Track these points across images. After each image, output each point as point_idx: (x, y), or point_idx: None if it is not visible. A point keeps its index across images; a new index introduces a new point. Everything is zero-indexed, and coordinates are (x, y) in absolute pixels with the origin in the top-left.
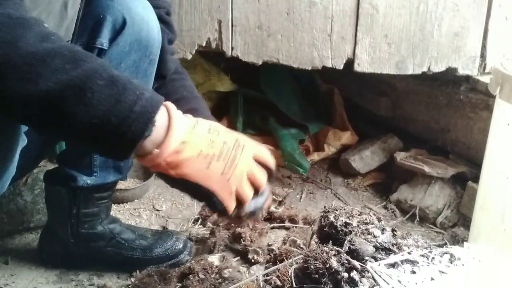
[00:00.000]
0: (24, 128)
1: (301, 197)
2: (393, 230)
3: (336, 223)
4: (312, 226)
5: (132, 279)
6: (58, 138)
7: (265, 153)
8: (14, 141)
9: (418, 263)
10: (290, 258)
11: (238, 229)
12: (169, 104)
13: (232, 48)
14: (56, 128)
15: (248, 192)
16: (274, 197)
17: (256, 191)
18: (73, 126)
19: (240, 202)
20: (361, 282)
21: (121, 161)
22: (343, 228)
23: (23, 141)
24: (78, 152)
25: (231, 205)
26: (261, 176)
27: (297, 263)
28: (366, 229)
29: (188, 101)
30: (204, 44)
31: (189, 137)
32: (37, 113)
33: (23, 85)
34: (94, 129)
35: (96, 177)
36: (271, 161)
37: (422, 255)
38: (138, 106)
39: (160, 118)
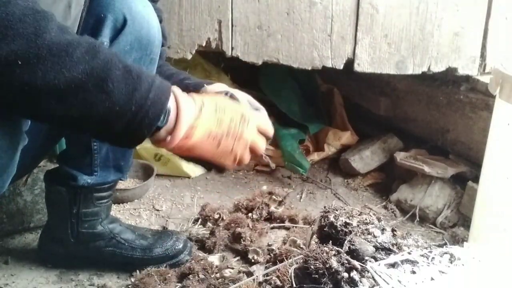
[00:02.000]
0: (25, 127)
1: (301, 197)
2: (393, 230)
3: (336, 223)
4: (312, 226)
5: (132, 279)
6: (76, 128)
7: (267, 122)
8: (15, 139)
9: (418, 263)
10: (290, 258)
11: (238, 229)
12: (175, 88)
13: (232, 48)
14: (77, 118)
15: (247, 158)
16: (274, 197)
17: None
18: (95, 115)
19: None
20: (361, 282)
21: (133, 147)
22: (343, 228)
23: (24, 140)
24: (79, 151)
25: (232, 167)
26: (262, 145)
27: (297, 263)
28: (366, 229)
29: (178, 74)
30: (204, 44)
31: (198, 121)
32: (58, 103)
33: (51, 75)
34: (115, 117)
35: (97, 176)
36: (271, 130)
37: (422, 255)
38: (152, 93)
39: (170, 104)
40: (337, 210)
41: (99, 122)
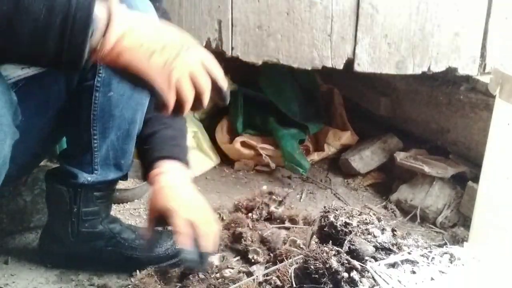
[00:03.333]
0: (16, 121)
1: (301, 197)
2: (393, 230)
3: (336, 223)
4: (312, 226)
5: (132, 279)
6: (11, 57)
7: (216, 65)
8: (4, 132)
9: (418, 263)
10: (290, 258)
11: (238, 229)
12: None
13: (232, 48)
14: (4, 45)
15: (188, 90)
16: (274, 197)
17: (198, 96)
18: (22, 38)
19: (180, 102)
20: (361, 282)
21: (76, 66)
22: (343, 228)
23: (14, 134)
24: (79, 149)
25: (170, 98)
26: (204, 80)
27: (297, 263)
28: (366, 229)
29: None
30: (204, 44)
31: (132, 28)
32: None
33: None
34: (42, 33)
35: (97, 174)
36: (221, 77)
37: (422, 255)
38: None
39: (100, 11)
40: (337, 210)
41: (29, 43)
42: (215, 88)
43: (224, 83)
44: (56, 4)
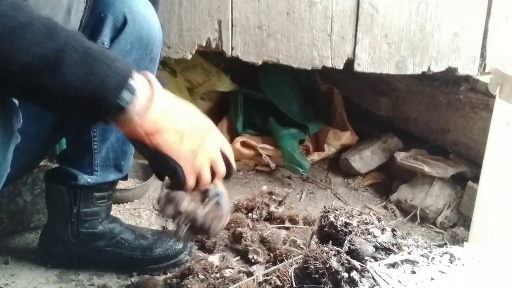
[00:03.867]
0: (18, 125)
1: (301, 197)
2: (393, 230)
3: (336, 223)
4: (312, 226)
5: (132, 279)
6: (44, 107)
7: (230, 150)
8: (6, 138)
9: (418, 263)
10: (290, 258)
11: (238, 229)
12: (150, 75)
13: (232, 48)
14: (38, 98)
15: (207, 175)
16: (274, 197)
17: (212, 178)
18: (52, 96)
19: (197, 183)
20: (361, 282)
21: (103, 124)
22: (343, 228)
23: (16, 139)
24: (79, 151)
25: (191, 180)
26: (222, 167)
27: (297, 263)
28: (366, 229)
29: None
30: (204, 44)
31: (170, 110)
32: (12, 86)
33: (1, 59)
34: (72, 98)
35: (97, 175)
36: (233, 160)
37: (422, 255)
38: (111, 75)
39: (141, 87)
40: (337, 210)
41: (56, 102)
42: (227, 166)
43: (234, 164)
44: (92, 77)
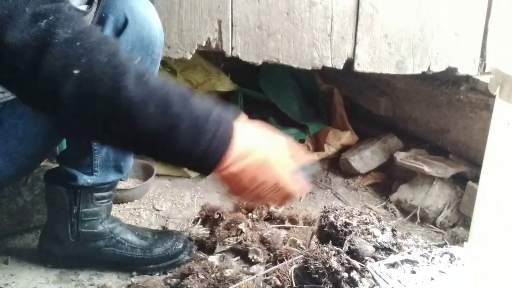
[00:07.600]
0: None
1: (301, 197)
2: (393, 230)
3: (336, 223)
4: (312, 226)
5: (132, 279)
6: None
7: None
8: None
9: (418, 263)
10: (290, 258)
11: (239, 229)
12: (236, 122)
13: (232, 48)
14: (148, 154)
15: (271, 201)
16: None
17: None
18: (163, 155)
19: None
20: (361, 282)
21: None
22: (343, 228)
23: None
24: (79, 151)
25: (252, 205)
26: (289, 196)
27: (297, 263)
28: (366, 229)
29: None
30: (204, 44)
31: (257, 147)
32: (128, 147)
33: (122, 130)
34: (178, 158)
35: (97, 176)
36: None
37: (422, 255)
38: (215, 142)
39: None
40: (337, 210)
41: (165, 158)
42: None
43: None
44: (199, 145)
